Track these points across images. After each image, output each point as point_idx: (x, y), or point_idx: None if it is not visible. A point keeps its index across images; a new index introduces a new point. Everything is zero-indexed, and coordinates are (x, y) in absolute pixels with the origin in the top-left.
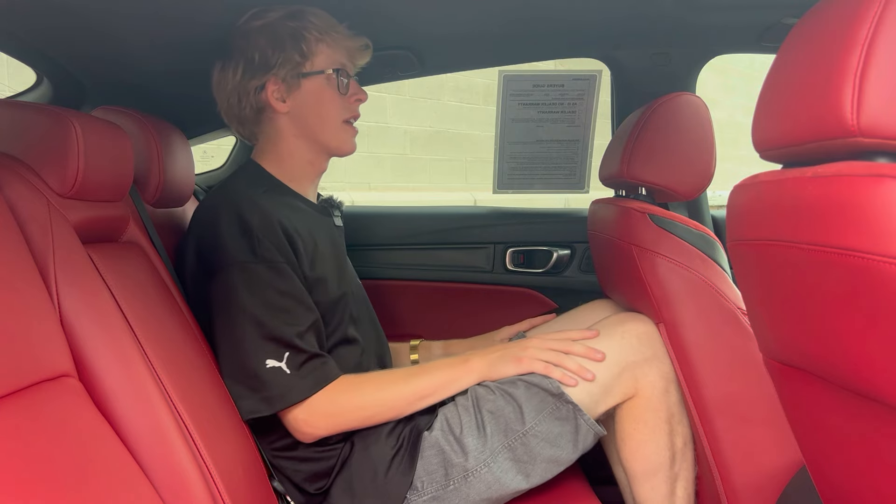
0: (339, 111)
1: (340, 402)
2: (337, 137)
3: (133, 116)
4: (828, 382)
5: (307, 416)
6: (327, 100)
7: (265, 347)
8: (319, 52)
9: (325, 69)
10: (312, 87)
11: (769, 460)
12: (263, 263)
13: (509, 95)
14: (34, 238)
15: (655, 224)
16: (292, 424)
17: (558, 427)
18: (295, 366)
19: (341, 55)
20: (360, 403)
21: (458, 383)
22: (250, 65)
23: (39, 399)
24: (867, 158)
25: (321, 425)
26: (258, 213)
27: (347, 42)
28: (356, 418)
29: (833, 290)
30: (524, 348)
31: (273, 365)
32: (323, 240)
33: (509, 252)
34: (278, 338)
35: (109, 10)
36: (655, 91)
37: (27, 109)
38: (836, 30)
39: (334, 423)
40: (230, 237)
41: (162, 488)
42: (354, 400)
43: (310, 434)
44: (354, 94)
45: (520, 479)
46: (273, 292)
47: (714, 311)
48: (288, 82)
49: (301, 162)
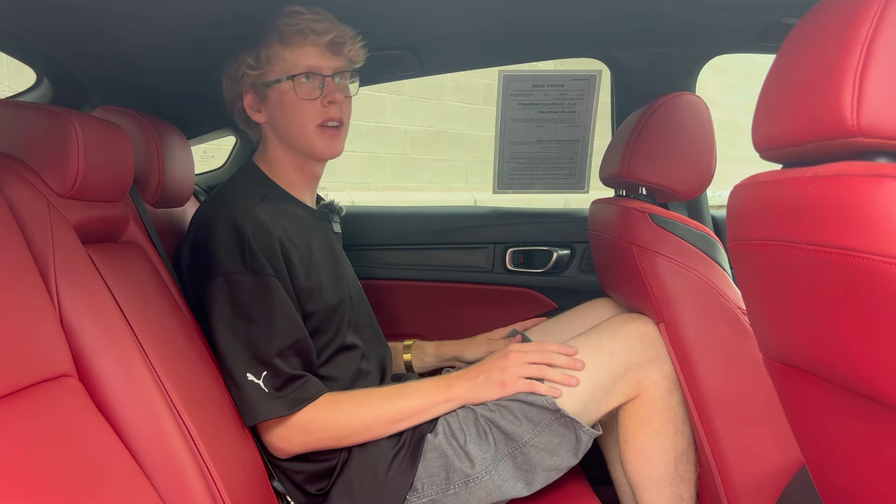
0: (310, 116)
1: (317, 421)
2: (311, 143)
3: (133, 116)
4: (828, 382)
5: (282, 433)
6: (291, 106)
7: (246, 361)
8: (280, 58)
9: (283, 76)
10: (277, 96)
11: (769, 460)
12: (251, 276)
13: (509, 95)
14: (34, 238)
15: (656, 224)
16: (266, 438)
17: (558, 438)
18: (272, 386)
19: (309, 57)
20: (337, 424)
21: (440, 408)
22: (232, 77)
23: (39, 399)
24: (867, 158)
25: (296, 442)
26: (252, 221)
27: (315, 41)
28: (332, 437)
29: (833, 290)
30: (504, 369)
31: (252, 380)
32: (319, 247)
33: (509, 252)
34: (257, 355)
35: (110, 10)
36: (655, 91)
37: (27, 109)
38: (836, 30)
39: (309, 441)
40: (222, 244)
41: (162, 488)
42: (331, 420)
43: (283, 450)
44: (327, 95)
45: (520, 486)
46: (258, 308)
47: (714, 311)
48: (258, 92)
49: (289, 168)
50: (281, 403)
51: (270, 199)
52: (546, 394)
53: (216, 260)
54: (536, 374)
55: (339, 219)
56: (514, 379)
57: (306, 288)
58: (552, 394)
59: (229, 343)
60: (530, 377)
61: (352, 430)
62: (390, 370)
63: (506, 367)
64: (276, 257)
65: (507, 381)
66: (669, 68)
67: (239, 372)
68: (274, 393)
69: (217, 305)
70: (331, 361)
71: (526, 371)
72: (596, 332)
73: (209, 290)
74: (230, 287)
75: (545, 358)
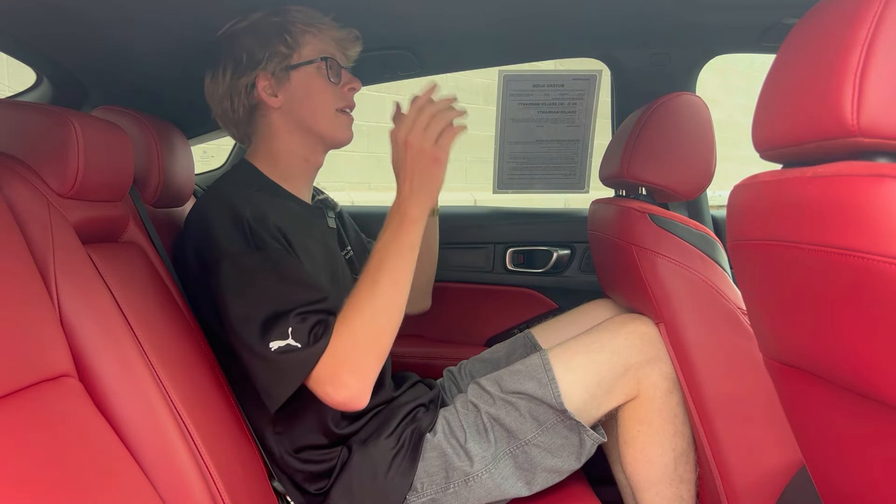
0: (332, 100)
1: (342, 345)
2: (331, 127)
3: (133, 116)
4: (828, 382)
5: (331, 376)
6: (318, 89)
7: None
8: (306, 42)
9: (313, 59)
10: (302, 78)
11: (769, 460)
12: (257, 251)
13: (509, 95)
14: (34, 238)
15: (655, 224)
16: (323, 395)
17: (561, 439)
18: (302, 338)
19: (329, 45)
20: (362, 335)
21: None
22: (239, 65)
23: (39, 399)
24: (867, 158)
25: (347, 380)
26: (250, 205)
27: (334, 33)
28: (368, 347)
29: (833, 290)
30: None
31: (279, 345)
32: (314, 242)
33: (509, 252)
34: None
35: (110, 11)
36: (655, 91)
37: (27, 109)
38: (836, 30)
39: (357, 363)
40: (223, 229)
41: (162, 488)
42: (353, 336)
43: (346, 396)
44: (347, 82)
45: (520, 486)
46: (270, 276)
47: (714, 311)
48: (277, 76)
49: (296, 159)
50: (317, 348)
51: (264, 192)
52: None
53: (219, 245)
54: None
55: (333, 214)
56: (433, 148)
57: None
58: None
59: (246, 320)
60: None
61: (377, 329)
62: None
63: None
64: (277, 238)
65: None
66: (669, 68)
67: (261, 345)
68: (306, 344)
69: (227, 284)
70: None
71: (430, 135)
72: (597, 332)
73: (216, 274)
74: (237, 265)
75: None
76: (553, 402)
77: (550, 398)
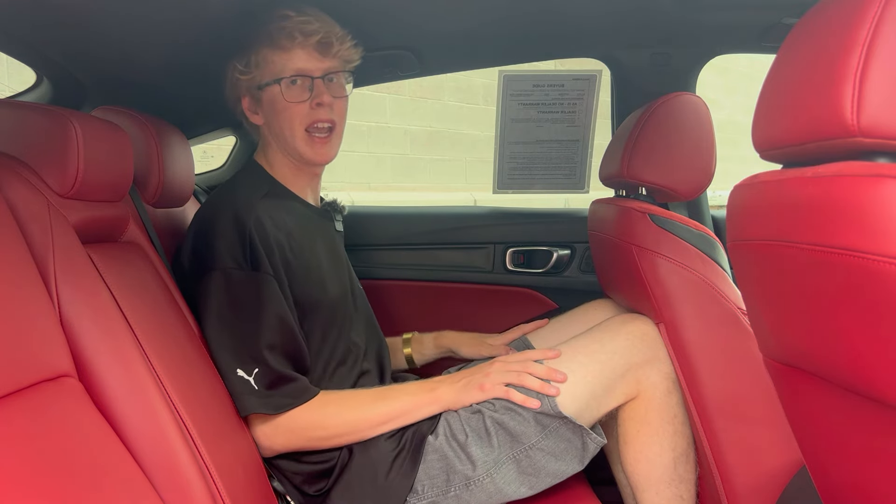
0: (298, 119)
1: (301, 421)
2: (299, 147)
3: (133, 116)
4: (828, 382)
5: (267, 430)
6: (281, 109)
7: (235, 357)
8: (269, 62)
9: (271, 79)
10: (269, 98)
11: (769, 460)
12: (249, 272)
13: (509, 95)
14: (34, 238)
15: (655, 224)
16: (253, 434)
17: (564, 443)
18: (263, 384)
19: (297, 60)
20: (321, 424)
21: (423, 411)
22: (229, 80)
23: (39, 399)
24: (867, 158)
25: (279, 441)
26: (255, 217)
27: (303, 43)
28: (316, 437)
29: (833, 290)
30: (486, 374)
31: (241, 375)
32: (320, 245)
33: (509, 252)
34: (247, 351)
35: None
36: (655, 91)
37: (27, 109)
38: (836, 30)
39: (293, 441)
40: (223, 239)
41: (162, 488)
42: (315, 421)
43: (267, 447)
44: (315, 97)
45: (523, 490)
46: (251, 304)
47: (714, 311)
48: (252, 96)
49: (287, 169)
50: (268, 402)
51: (273, 197)
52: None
53: (216, 253)
54: (515, 381)
55: (341, 217)
56: (494, 384)
57: (305, 286)
58: (527, 404)
59: (219, 337)
60: (509, 384)
61: (336, 430)
62: (389, 369)
63: (488, 373)
64: (275, 256)
65: (486, 385)
66: (669, 68)
67: (228, 367)
68: (263, 391)
69: (210, 298)
70: (330, 359)
71: (506, 378)
72: (597, 331)
73: (205, 281)
74: (226, 281)
75: (525, 367)
76: (550, 411)
77: (547, 407)
